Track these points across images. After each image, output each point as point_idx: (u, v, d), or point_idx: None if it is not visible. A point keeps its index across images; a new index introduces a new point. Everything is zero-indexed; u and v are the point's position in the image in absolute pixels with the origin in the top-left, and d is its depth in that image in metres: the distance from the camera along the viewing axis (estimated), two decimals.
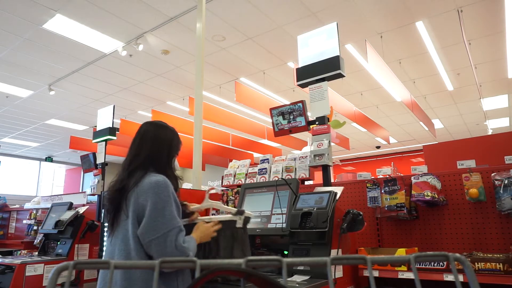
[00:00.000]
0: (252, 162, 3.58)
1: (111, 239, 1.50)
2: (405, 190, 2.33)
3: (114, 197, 1.51)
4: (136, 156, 1.58)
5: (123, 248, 1.42)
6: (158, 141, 1.61)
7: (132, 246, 1.40)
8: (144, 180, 1.47)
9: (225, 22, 5.25)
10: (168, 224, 1.38)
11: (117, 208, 1.50)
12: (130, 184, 1.49)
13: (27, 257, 3.31)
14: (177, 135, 1.71)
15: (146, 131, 1.64)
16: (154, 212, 1.39)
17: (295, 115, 2.68)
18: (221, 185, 3.40)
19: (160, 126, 1.67)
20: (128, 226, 1.43)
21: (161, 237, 1.35)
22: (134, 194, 1.45)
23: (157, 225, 1.37)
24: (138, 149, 1.59)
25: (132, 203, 1.44)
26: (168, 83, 7.45)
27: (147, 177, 1.48)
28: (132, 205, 1.44)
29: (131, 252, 1.40)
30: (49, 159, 14.13)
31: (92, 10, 4.91)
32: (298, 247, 1.91)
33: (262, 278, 0.40)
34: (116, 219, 1.49)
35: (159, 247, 1.35)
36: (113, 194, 1.52)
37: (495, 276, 1.70)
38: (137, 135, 1.65)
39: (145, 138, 1.62)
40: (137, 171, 1.52)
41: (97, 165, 4.18)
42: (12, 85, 7.36)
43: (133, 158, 1.58)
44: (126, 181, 1.51)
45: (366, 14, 5.10)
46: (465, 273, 0.37)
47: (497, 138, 4.38)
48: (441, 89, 7.87)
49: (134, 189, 1.46)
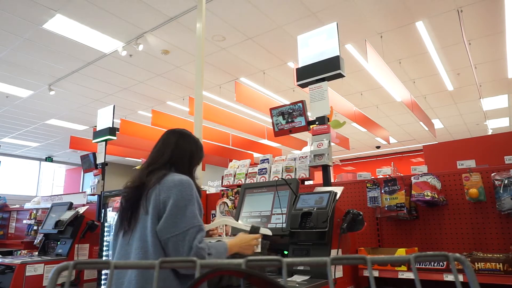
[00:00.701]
0: (252, 162, 3.58)
1: (127, 238, 1.43)
2: (405, 190, 2.33)
3: (133, 195, 1.46)
4: (157, 159, 1.56)
5: (141, 245, 1.36)
6: (179, 149, 1.60)
7: (150, 243, 1.35)
8: (167, 178, 1.45)
9: (225, 22, 5.25)
10: (188, 222, 1.35)
11: (135, 205, 1.45)
12: (151, 182, 1.45)
13: (27, 257, 3.31)
14: (200, 145, 1.70)
15: (168, 138, 1.63)
16: (175, 209, 1.36)
17: (295, 115, 2.68)
18: (221, 185, 3.40)
19: (183, 134, 1.66)
20: (147, 223, 1.38)
21: (180, 235, 1.33)
22: (156, 191, 1.41)
23: (177, 223, 1.34)
24: (159, 153, 1.58)
25: (153, 199, 1.40)
26: (168, 83, 7.45)
27: (170, 176, 1.46)
28: (153, 202, 1.40)
29: (149, 249, 1.35)
30: (49, 159, 14.13)
31: (92, 10, 4.91)
32: (298, 247, 1.91)
33: (262, 278, 0.40)
34: (134, 217, 1.43)
35: (176, 245, 1.33)
36: (131, 191, 1.48)
37: (495, 276, 1.70)
38: (159, 141, 1.63)
39: (166, 144, 1.61)
40: (158, 170, 1.50)
41: (97, 165, 4.18)
42: (12, 85, 7.36)
43: (153, 161, 1.56)
44: (146, 179, 1.47)
45: (366, 14, 5.10)
46: (465, 273, 0.37)
47: (497, 138, 4.38)
48: (441, 89, 7.87)
49: (156, 186, 1.42)
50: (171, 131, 1.66)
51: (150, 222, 1.37)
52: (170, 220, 1.35)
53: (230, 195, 3.09)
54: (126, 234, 1.44)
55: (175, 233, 1.33)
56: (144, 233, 1.38)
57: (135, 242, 1.39)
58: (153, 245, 1.35)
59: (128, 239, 1.42)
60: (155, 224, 1.37)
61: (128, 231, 1.44)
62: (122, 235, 1.45)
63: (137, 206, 1.44)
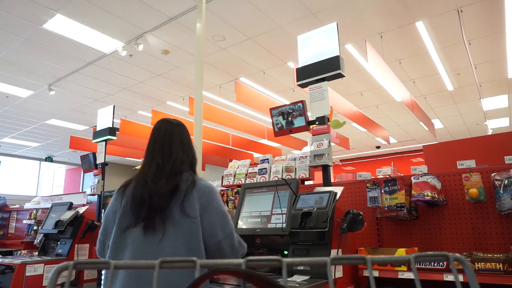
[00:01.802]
0: (252, 162, 3.58)
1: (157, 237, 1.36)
2: (405, 190, 2.33)
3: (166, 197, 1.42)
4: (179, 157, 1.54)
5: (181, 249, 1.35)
6: (192, 144, 1.64)
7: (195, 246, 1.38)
8: (199, 182, 1.49)
9: (225, 22, 5.25)
10: (232, 224, 1.50)
11: (165, 208, 1.41)
12: (183, 185, 1.45)
13: (27, 257, 3.31)
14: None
15: (182, 132, 1.61)
16: (220, 213, 1.46)
17: (295, 115, 2.68)
18: (221, 185, 3.40)
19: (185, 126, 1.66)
20: (189, 225, 1.38)
21: (229, 235, 1.45)
22: (194, 195, 1.43)
23: (225, 224, 1.46)
24: (179, 151, 1.55)
25: (194, 203, 1.42)
26: (168, 83, 7.45)
27: (199, 180, 1.51)
28: (195, 205, 1.41)
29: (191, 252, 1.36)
30: (49, 159, 14.13)
31: (92, 10, 4.91)
32: (298, 247, 1.91)
33: (261, 278, 0.40)
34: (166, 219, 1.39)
35: (229, 244, 1.44)
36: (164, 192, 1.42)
37: (495, 276, 1.70)
38: (173, 136, 1.57)
39: (184, 140, 1.60)
40: (183, 173, 1.50)
41: (97, 165, 4.18)
42: (12, 85, 7.36)
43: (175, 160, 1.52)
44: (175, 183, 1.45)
45: (366, 14, 5.10)
46: (465, 273, 0.37)
47: (497, 138, 4.38)
48: (441, 89, 7.87)
49: (193, 190, 1.44)
50: (178, 123, 1.64)
51: (195, 225, 1.40)
52: (219, 223, 1.44)
53: (230, 195, 3.09)
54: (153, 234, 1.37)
55: (227, 233, 1.44)
56: (184, 235, 1.37)
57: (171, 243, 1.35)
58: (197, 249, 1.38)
59: (160, 239, 1.36)
60: (200, 227, 1.41)
61: (157, 232, 1.37)
62: (144, 232, 1.37)
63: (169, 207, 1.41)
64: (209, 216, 1.43)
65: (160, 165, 1.49)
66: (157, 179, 1.45)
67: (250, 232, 2.12)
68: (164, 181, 1.44)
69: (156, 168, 1.49)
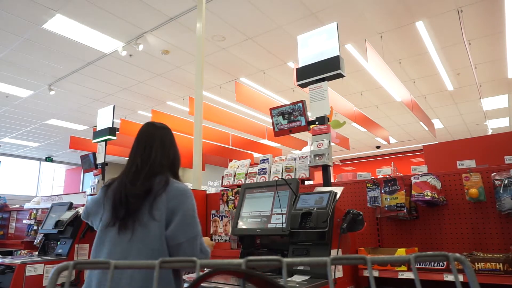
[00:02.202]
0: (252, 162, 3.58)
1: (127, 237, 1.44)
2: (405, 190, 2.33)
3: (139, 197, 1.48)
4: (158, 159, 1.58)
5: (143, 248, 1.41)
6: (174, 148, 1.67)
7: (156, 247, 1.42)
8: (172, 185, 1.51)
9: (225, 22, 5.25)
10: (197, 229, 1.48)
11: (137, 209, 1.47)
12: (156, 188, 1.49)
13: (27, 257, 3.31)
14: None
15: (165, 134, 1.66)
16: (186, 217, 1.46)
17: (295, 115, 2.68)
18: (221, 185, 3.40)
19: (169, 129, 1.70)
20: (154, 228, 1.43)
21: (191, 239, 1.45)
22: (163, 198, 1.47)
23: (189, 229, 1.46)
24: (159, 153, 1.60)
25: (160, 206, 1.45)
26: (168, 83, 7.45)
27: (173, 183, 1.52)
28: (161, 209, 1.45)
29: (154, 253, 1.41)
30: (49, 159, 14.13)
31: (92, 10, 4.91)
32: (298, 247, 1.91)
33: (261, 278, 0.40)
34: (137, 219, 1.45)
35: (189, 249, 1.44)
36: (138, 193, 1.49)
37: (495, 276, 1.70)
38: (155, 138, 1.62)
39: (165, 142, 1.63)
40: (158, 176, 1.54)
41: (97, 165, 4.18)
42: (12, 85, 7.36)
43: (153, 162, 1.57)
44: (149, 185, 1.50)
45: (366, 14, 5.10)
46: (465, 273, 0.37)
47: (497, 138, 4.37)
48: (441, 89, 7.87)
49: (163, 194, 1.48)
50: (160, 126, 1.67)
51: (157, 228, 1.43)
52: (183, 226, 1.44)
53: (230, 195, 3.09)
54: (124, 233, 1.45)
55: (187, 238, 1.44)
56: (147, 235, 1.43)
57: (138, 244, 1.42)
58: (159, 250, 1.42)
59: (129, 239, 1.43)
60: (163, 230, 1.44)
61: (127, 231, 1.44)
62: (118, 231, 1.46)
63: (139, 210, 1.47)
64: (175, 218, 1.45)
65: (138, 167, 1.55)
66: (134, 181, 1.52)
67: (250, 232, 2.12)
68: (140, 182, 1.51)
69: (135, 170, 1.55)
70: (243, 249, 2.22)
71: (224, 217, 2.96)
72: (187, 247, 1.44)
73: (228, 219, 2.93)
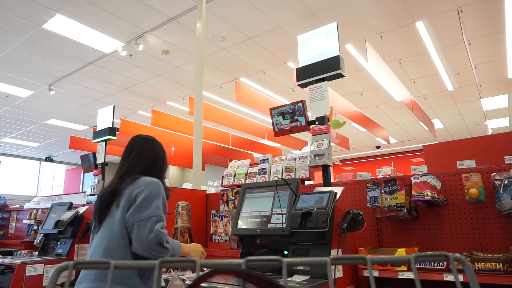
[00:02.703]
0: (252, 162, 3.58)
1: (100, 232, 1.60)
2: (405, 190, 2.33)
3: (107, 197, 1.65)
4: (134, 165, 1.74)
5: (108, 233, 1.55)
6: (154, 156, 1.80)
7: (116, 230, 1.54)
8: (140, 179, 1.65)
9: (225, 22, 5.25)
10: (152, 212, 1.54)
11: (108, 206, 1.63)
12: (124, 184, 1.65)
13: (27, 257, 3.31)
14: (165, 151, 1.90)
15: (143, 145, 1.80)
16: (143, 201, 1.56)
17: (295, 115, 2.68)
18: (221, 185, 3.40)
19: (153, 141, 1.84)
20: (117, 213, 1.58)
21: (143, 220, 1.51)
22: (128, 189, 1.61)
23: (142, 210, 1.54)
24: (135, 160, 1.75)
25: (126, 195, 1.59)
26: (168, 83, 7.45)
27: (142, 178, 1.66)
28: (125, 197, 1.59)
29: (114, 234, 1.53)
30: (49, 159, 14.13)
31: (92, 10, 4.91)
32: (298, 247, 1.91)
33: (261, 278, 0.40)
34: (107, 214, 1.62)
35: (139, 229, 1.50)
36: (106, 194, 1.67)
37: (495, 276, 1.70)
38: (133, 149, 1.78)
39: (142, 151, 1.78)
40: (130, 176, 1.69)
41: (97, 165, 4.18)
42: (12, 85, 7.36)
43: (130, 168, 1.73)
44: (119, 184, 1.67)
45: (366, 14, 5.10)
46: (465, 273, 0.37)
47: (497, 138, 4.37)
48: (441, 89, 7.87)
49: (129, 186, 1.62)
50: (142, 138, 1.84)
51: (120, 213, 1.57)
52: (137, 209, 1.54)
53: (230, 195, 3.09)
54: (98, 226, 1.64)
55: (140, 218, 1.51)
56: (112, 222, 1.57)
57: (105, 230, 1.57)
58: (118, 231, 1.53)
59: (98, 229, 1.62)
60: (124, 214, 1.56)
61: (100, 223, 1.63)
62: (96, 231, 1.64)
63: (109, 206, 1.63)
64: (135, 203, 1.56)
65: (119, 174, 1.74)
66: (110, 184, 1.72)
67: (250, 232, 2.12)
68: (111, 184, 1.71)
69: (117, 177, 1.74)
70: (243, 249, 2.21)
71: (224, 217, 2.96)
72: (137, 228, 1.50)
73: (228, 219, 2.93)
